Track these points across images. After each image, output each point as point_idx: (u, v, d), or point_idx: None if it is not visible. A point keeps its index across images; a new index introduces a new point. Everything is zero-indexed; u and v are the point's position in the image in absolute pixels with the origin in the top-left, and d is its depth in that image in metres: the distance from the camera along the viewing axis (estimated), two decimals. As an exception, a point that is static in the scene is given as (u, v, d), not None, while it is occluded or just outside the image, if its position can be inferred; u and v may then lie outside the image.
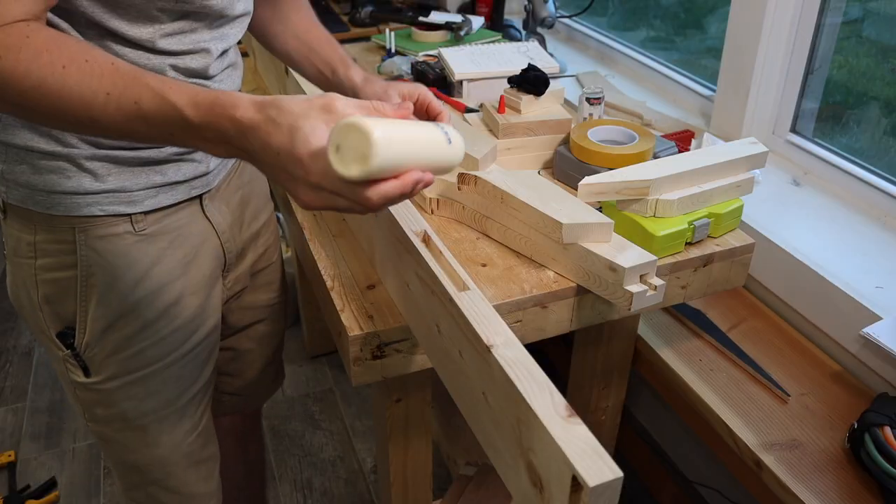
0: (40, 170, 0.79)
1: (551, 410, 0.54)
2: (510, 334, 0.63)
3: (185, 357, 0.93)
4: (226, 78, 0.89)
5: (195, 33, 0.79)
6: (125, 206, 0.82)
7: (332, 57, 0.99)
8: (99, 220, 0.82)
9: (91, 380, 0.89)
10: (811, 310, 1.16)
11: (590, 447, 0.51)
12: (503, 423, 0.61)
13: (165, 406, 0.94)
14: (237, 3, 0.82)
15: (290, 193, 0.62)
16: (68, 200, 0.80)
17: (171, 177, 0.84)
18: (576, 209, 0.92)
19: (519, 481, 0.59)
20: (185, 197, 0.87)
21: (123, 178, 0.81)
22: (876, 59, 1.29)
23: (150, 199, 0.84)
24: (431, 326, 0.76)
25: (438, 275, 0.71)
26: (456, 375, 0.71)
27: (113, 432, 0.93)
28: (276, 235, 1.14)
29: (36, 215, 0.81)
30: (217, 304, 0.98)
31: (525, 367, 0.59)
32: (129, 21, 0.73)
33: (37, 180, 0.79)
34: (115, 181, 0.81)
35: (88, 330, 0.86)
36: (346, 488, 1.78)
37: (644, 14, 1.93)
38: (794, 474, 0.98)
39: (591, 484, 0.48)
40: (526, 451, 0.57)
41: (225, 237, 0.96)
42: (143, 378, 0.90)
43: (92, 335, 0.86)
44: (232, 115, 0.59)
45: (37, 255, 0.83)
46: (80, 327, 0.86)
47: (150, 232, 0.85)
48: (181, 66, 0.79)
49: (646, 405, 1.61)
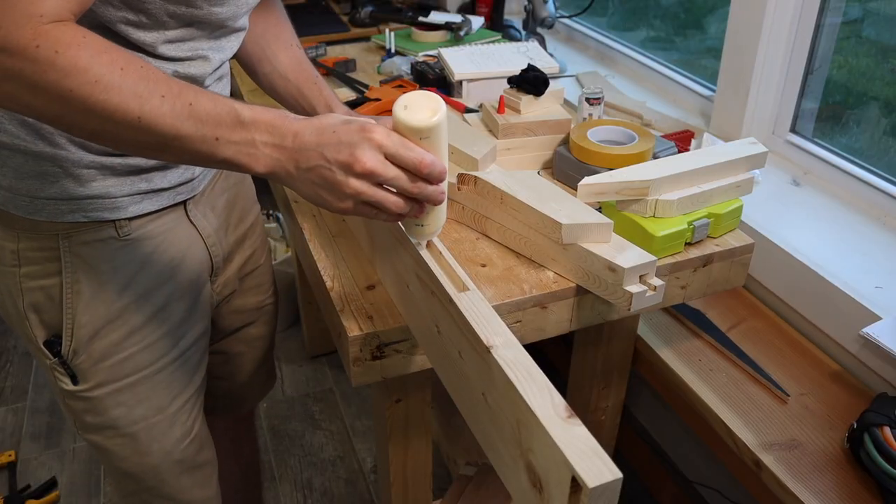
0: (24, 174, 0.78)
1: (551, 411, 0.54)
2: (510, 335, 0.63)
3: (175, 363, 0.93)
4: (218, 90, 0.89)
5: (195, 41, 0.79)
6: (109, 213, 0.82)
7: (317, 101, 1.04)
8: (83, 227, 0.81)
9: (79, 388, 0.88)
10: (811, 310, 1.16)
11: (589, 448, 0.51)
12: (503, 424, 0.61)
13: (156, 413, 0.93)
14: (240, 17, 0.83)
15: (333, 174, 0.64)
16: (52, 206, 0.79)
17: (157, 184, 0.84)
18: (575, 209, 0.92)
19: (518, 482, 0.59)
20: (169, 203, 0.87)
21: (108, 184, 0.80)
22: (876, 59, 1.29)
23: (135, 206, 0.83)
24: (431, 327, 0.76)
25: (438, 275, 0.72)
26: (456, 376, 0.71)
27: (104, 440, 0.93)
28: (264, 237, 1.14)
29: (18, 221, 0.80)
30: (206, 309, 0.98)
31: (524, 368, 0.59)
32: (136, 25, 0.73)
33: (20, 184, 0.78)
34: (99, 187, 0.80)
35: (75, 337, 0.85)
36: (346, 488, 1.78)
37: (644, 14, 1.93)
38: (794, 474, 0.98)
39: (590, 485, 0.48)
40: (525, 452, 0.57)
41: (210, 241, 0.95)
42: (131, 385, 0.90)
43: (79, 342, 0.86)
44: (284, 111, 0.66)
45: (21, 263, 0.83)
46: (66, 335, 0.85)
47: (135, 237, 0.85)
48: (182, 73, 0.79)
49: (646, 405, 1.61)
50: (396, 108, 0.66)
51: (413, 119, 0.65)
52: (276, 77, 1.05)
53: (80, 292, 0.83)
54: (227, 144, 0.63)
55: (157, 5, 0.72)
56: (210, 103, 0.63)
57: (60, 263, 0.82)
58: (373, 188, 0.65)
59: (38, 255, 0.82)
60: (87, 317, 0.85)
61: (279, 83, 1.05)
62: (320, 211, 1.10)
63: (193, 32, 0.78)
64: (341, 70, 1.62)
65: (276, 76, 1.04)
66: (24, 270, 0.83)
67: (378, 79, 1.59)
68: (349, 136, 0.64)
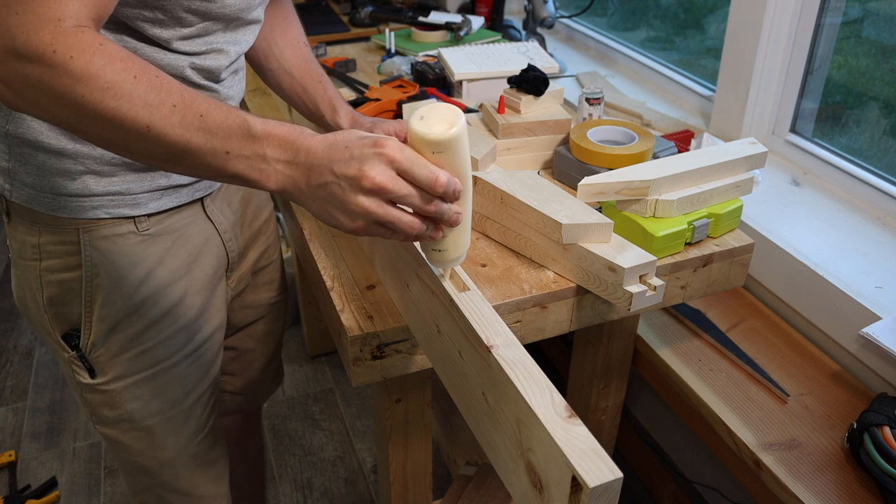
0: (46, 171, 0.79)
1: (551, 411, 0.54)
2: (510, 335, 0.63)
3: (190, 357, 0.94)
4: (234, 83, 0.89)
5: (211, 35, 0.80)
6: (130, 209, 0.83)
7: (321, 99, 1.04)
8: (103, 222, 0.82)
9: (97, 381, 0.89)
10: (811, 310, 1.16)
11: (590, 448, 0.51)
12: (503, 424, 0.61)
13: (171, 407, 0.94)
14: (254, 9, 0.83)
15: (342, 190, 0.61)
16: (73, 203, 0.80)
17: (176, 180, 0.85)
18: (576, 210, 0.92)
19: (519, 482, 0.60)
20: (188, 199, 0.88)
21: (129, 180, 0.81)
22: (876, 59, 1.29)
23: (154, 202, 0.84)
24: (431, 327, 0.76)
25: (438, 275, 0.72)
26: (456, 376, 0.71)
27: (120, 434, 0.93)
28: (276, 234, 1.15)
29: (40, 216, 0.81)
30: (221, 303, 0.98)
31: (525, 368, 0.59)
32: (153, 22, 0.73)
33: (42, 182, 0.79)
34: (120, 183, 0.81)
35: (94, 331, 0.86)
36: (346, 488, 1.78)
37: (644, 14, 1.93)
38: (794, 474, 0.98)
39: (591, 484, 0.48)
40: (526, 452, 0.57)
41: (227, 237, 0.96)
42: (148, 378, 0.91)
43: (97, 336, 0.87)
44: (300, 127, 0.63)
45: (41, 258, 0.84)
46: (84, 328, 0.86)
47: (154, 232, 0.86)
48: (199, 65, 0.80)
49: (646, 405, 1.61)
50: (412, 119, 0.62)
51: (427, 131, 0.61)
52: (281, 73, 1.05)
53: (99, 286, 0.84)
54: (237, 159, 0.61)
55: (173, 2, 0.72)
56: (222, 115, 0.61)
57: (81, 257, 0.83)
58: (384, 206, 0.61)
59: (58, 248, 0.83)
60: (106, 310, 0.85)
61: (284, 80, 1.05)
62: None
63: (209, 27, 0.79)
64: (341, 70, 1.62)
65: (282, 73, 1.05)
66: (44, 264, 0.84)
67: (378, 79, 1.59)
68: (360, 151, 0.60)
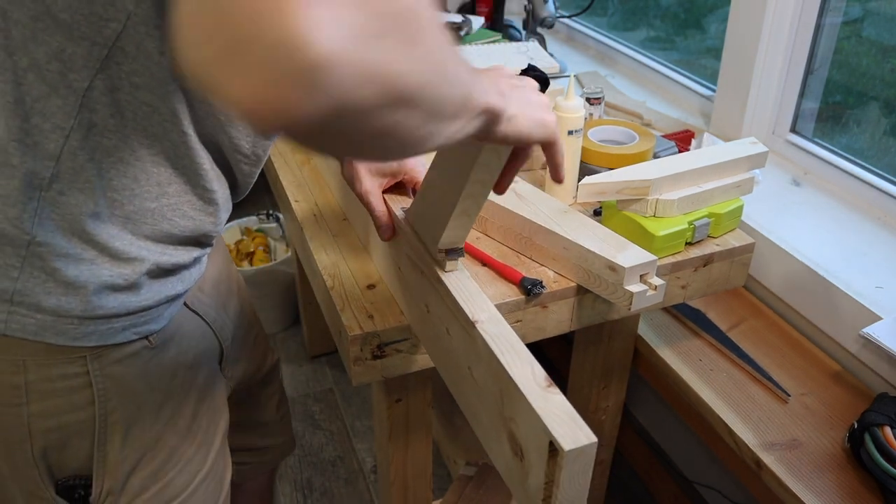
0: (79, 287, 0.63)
1: (531, 381, 0.56)
2: (494, 311, 0.65)
3: (208, 476, 0.83)
4: None
5: None
6: (154, 323, 0.70)
7: None
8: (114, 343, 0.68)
9: None
10: (811, 310, 1.16)
11: (566, 414, 0.53)
12: (487, 396, 0.62)
13: None
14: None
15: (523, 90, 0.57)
16: (103, 326, 0.66)
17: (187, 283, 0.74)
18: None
19: (501, 451, 0.61)
20: (183, 299, 0.76)
21: (154, 289, 0.69)
22: (876, 59, 1.29)
23: (167, 311, 0.73)
24: (421, 307, 0.77)
25: (425, 254, 0.73)
26: (444, 353, 0.72)
27: None
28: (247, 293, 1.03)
29: (29, 347, 0.64)
30: (224, 402, 0.89)
31: (508, 342, 0.61)
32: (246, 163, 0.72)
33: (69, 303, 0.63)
34: (147, 293, 0.68)
35: (109, 476, 0.72)
36: (346, 488, 1.78)
37: (644, 14, 1.93)
38: (794, 474, 0.98)
39: (566, 448, 0.50)
40: (507, 422, 0.59)
41: (217, 325, 0.85)
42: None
43: (115, 481, 0.73)
44: None
45: (28, 401, 0.66)
46: (97, 475, 0.72)
47: (160, 342, 0.73)
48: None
49: (646, 405, 1.61)
50: None
51: None
52: None
53: (116, 422, 0.71)
54: (485, 92, 0.50)
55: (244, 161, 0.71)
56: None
57: (92, 391, 0.68)
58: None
59: (59, 385, 0.67)
60: (126, 450, 0.72)
61: None
62: (321, 211, 1.10)
63: None
64: (341, 70, 1.62)
65: None
66: (34, 408, 0.67)
67: (378, 79, 1.59)
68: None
